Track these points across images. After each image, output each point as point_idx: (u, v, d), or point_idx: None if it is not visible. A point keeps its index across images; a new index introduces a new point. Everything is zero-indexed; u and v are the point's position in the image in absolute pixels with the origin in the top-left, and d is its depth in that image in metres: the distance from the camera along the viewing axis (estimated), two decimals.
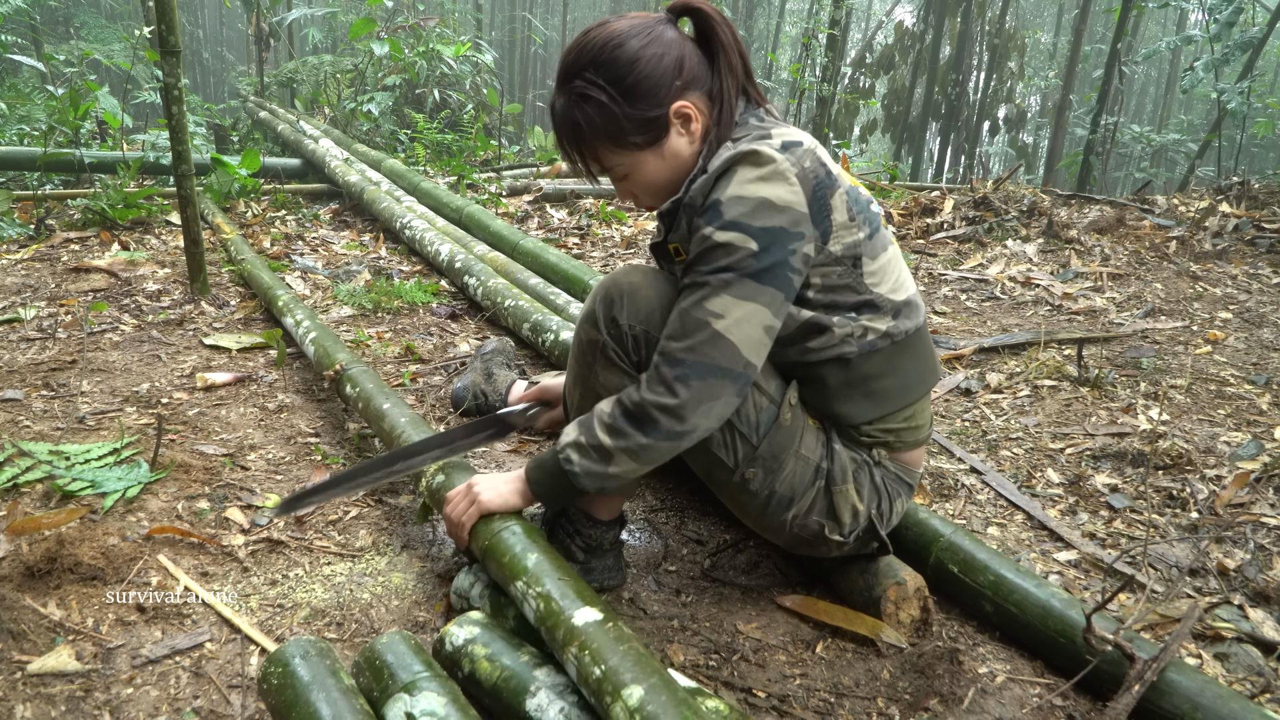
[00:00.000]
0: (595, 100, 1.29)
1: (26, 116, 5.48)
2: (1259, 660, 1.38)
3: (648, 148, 1.32)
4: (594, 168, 1.37)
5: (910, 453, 1.45)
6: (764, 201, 1.22)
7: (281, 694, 1.10)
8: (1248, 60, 7.79)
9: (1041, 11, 23.94)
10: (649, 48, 1.28)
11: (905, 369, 1.38)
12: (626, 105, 1.29)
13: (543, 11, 21.65)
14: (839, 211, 1.29)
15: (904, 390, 1.39)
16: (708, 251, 1.23)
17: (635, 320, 1.32)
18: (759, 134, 1.30)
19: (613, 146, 1.32)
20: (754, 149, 1.24)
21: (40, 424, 2.04)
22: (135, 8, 12.90)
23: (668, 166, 1.34)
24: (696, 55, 1.33)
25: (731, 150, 1.27)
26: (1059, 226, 4.41)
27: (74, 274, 3.32)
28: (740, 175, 1.23)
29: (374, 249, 4.16)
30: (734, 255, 1.21)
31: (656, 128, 1.31)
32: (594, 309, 1.36)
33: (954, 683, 1.30)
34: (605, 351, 1.34)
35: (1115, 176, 16.71)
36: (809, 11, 10.04)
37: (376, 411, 1.88)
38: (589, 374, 1.38)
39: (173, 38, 2.74)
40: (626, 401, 1.26)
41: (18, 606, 1.35)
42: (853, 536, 1.40)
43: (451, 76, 7.99)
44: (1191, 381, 2.56)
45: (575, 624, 1.12)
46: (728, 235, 1.22)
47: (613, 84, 1.28)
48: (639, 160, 1.34)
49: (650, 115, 1.30)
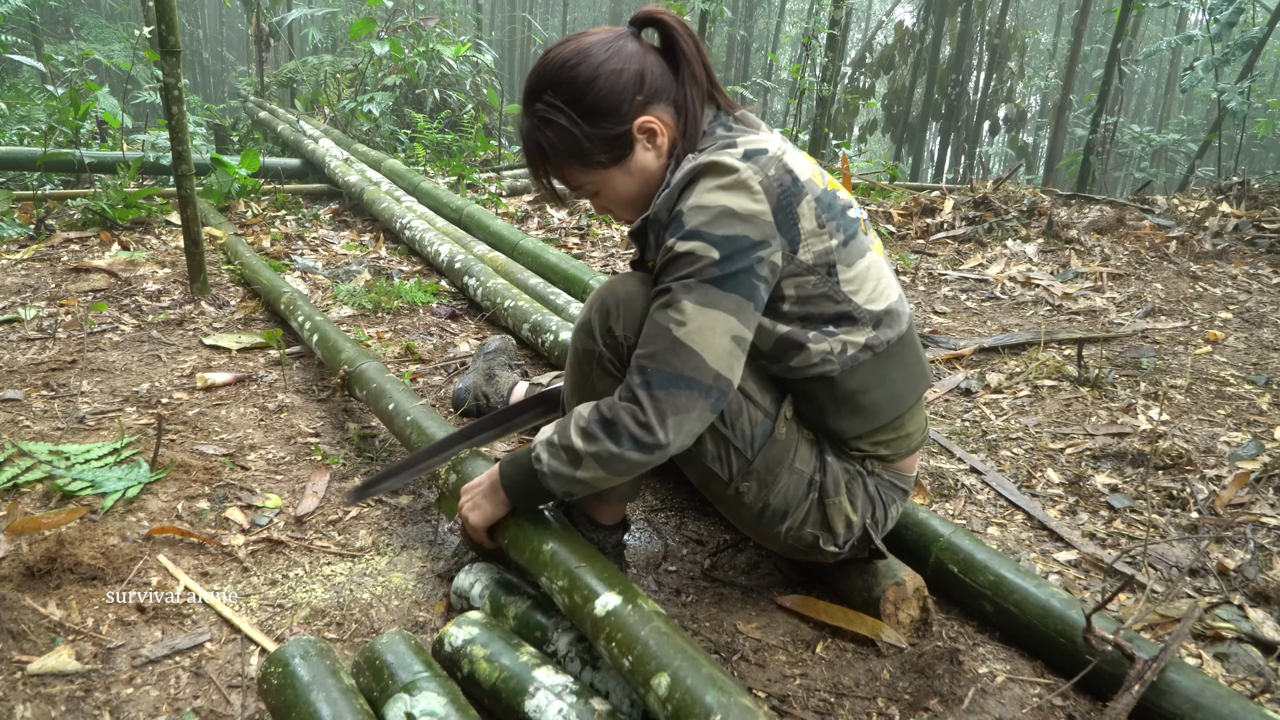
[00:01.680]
0: (556, 123, 1.28)
1: (26, 116, 5.48)
2: (1259, 660, 1.38)
3: (613, 165, 1.31)
4: (562, 188, 1.37)
5: (903, 460, 1.44)
6: (725, 210, 1.20)
7: (281, 694, 1.10)
8: (1248, 60, 7.79)
9: (1041, 11, 23.94)
10: (607, 64, 1.27)
11: (893, 379, 1.36)
12: (587, 125, 1.27)
13: (543, 11, 21.65)
14: (806, 219, 1.26)
15: (894, 401, 1.36)
16: (671, 262, 1.22)
17: (630, 331, 1.30)
18: (724, 143, 1.28)
19: (579, 166, 1.32)
20: (714, 159, 1.23)
21: (40, 424, 2.04)
22: (135, 8, 12.90)
23: (636, 181, 1.33)
24: (660, 67, 1.31)
25: (693, 162, 1.26)
26: (1059, 226, 4.41)
27: (74, 274, 3.32)
28: (701, 185, 1.22)
29: (374, 249, 4.16)
30: (696, 264, 1.20)
31: (620, 145, 1.30)
32: (590, 318, 1.35)
33: (954, 683, 1.30)
34: (601, 362, 1.34)
35: (1115, 176, 16.71)
36: (809, 11, 10.04)
37: (391, 409, 1.89)
38: (586, 383, 1.37)
39: (173, 38, 2.74)
40: (603, 407, 1.25)
41: (18, 606, 1.35)
42: (847, 546, 1.40)
43: (451, 76, 7.99)
44: (1191, 381, 2.56)
45: (598, 615, 1.14)
46: (689, 244, 1.20)
47: (572, 104, 1.27)
48: (606, 178, 1.33)
49: (613, 133, 1.28)
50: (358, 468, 1.96)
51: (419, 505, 1.82)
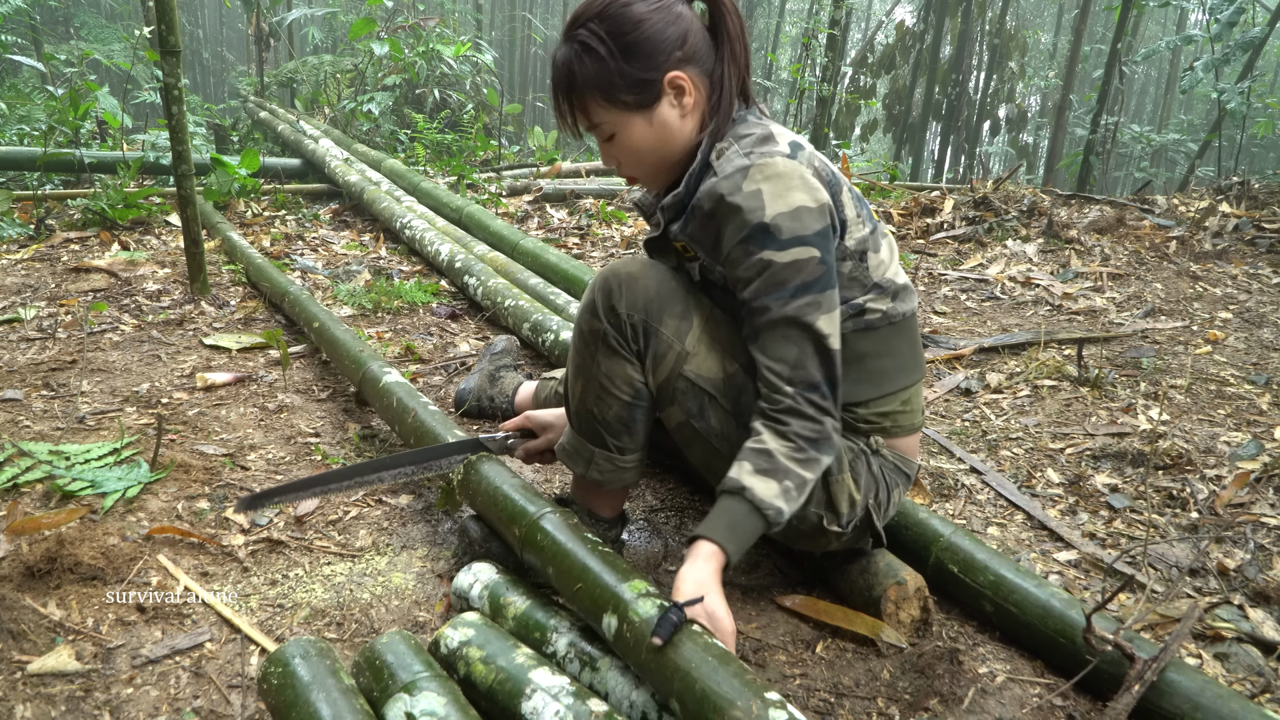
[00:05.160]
0: (594, 52, 1.30)
1: (26, 116, 5.48)
2: (1259, 660, 1.38)
3: (637, 110, 1.33)
4: (581, 122, 1.37)
5: (906, 439, 1.46)
6: (804, 209, 1.25)
7: (281, 694, 1.10)
8: (1248, 60, 7.79)
9: (1041, 11, 23.93)
10: (657, 14, 1.30)
11: (901, 351, 1.42)
12: (623, 61, 1.29)
13: (543, 11, 21.63)
14: (848, 207, 1.34)
15: (900, 372, 1.42)
16: (777, 274, 1.24)
17: (634, 309, 1.34)
18: (762, 133, 1.31)
19: (602, 101, 1.33)
20: (771, 161, 1.26)
21: (40, 424, 2.04)
22: (135, 8, 12.90)
23: (654, 136, 1.35)
24: (703, 36, 1.34)
25: (742, 158, 1.28)
26: (1059, 226, 4.41)
27: (74, 274, 3.32)
28: (773, 188, 1.25)
29: (374, 249, 4.16)
30: (804, 271, 1.24)
31: (649, 91, 1.32)
32: (594, 298, 1.38)
33: (954, 683, 1.30)
34: (606, 340, 1.36)
35: (1115, 176, 16.71)
36: (809, 11, 10.03)
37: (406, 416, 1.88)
38: (591, 364, 1.39)
39: (173, 38, 2.74)
40: (802, 432, 1.25)
41: (18, 606, 1.35)
42: (850, 527, 1.40)
43: (451, 76, 7.99)
44: (1191, 381, 2.56)
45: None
46: (792, 253, 1.24)
47: (614, 38, 1.29)
48: (626, 122, 1.34)
49: (644, 77, 1.31)
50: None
51: (419, 505, 1.82)
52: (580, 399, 1.43)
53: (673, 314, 1.35)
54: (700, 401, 1.36)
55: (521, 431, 1.69)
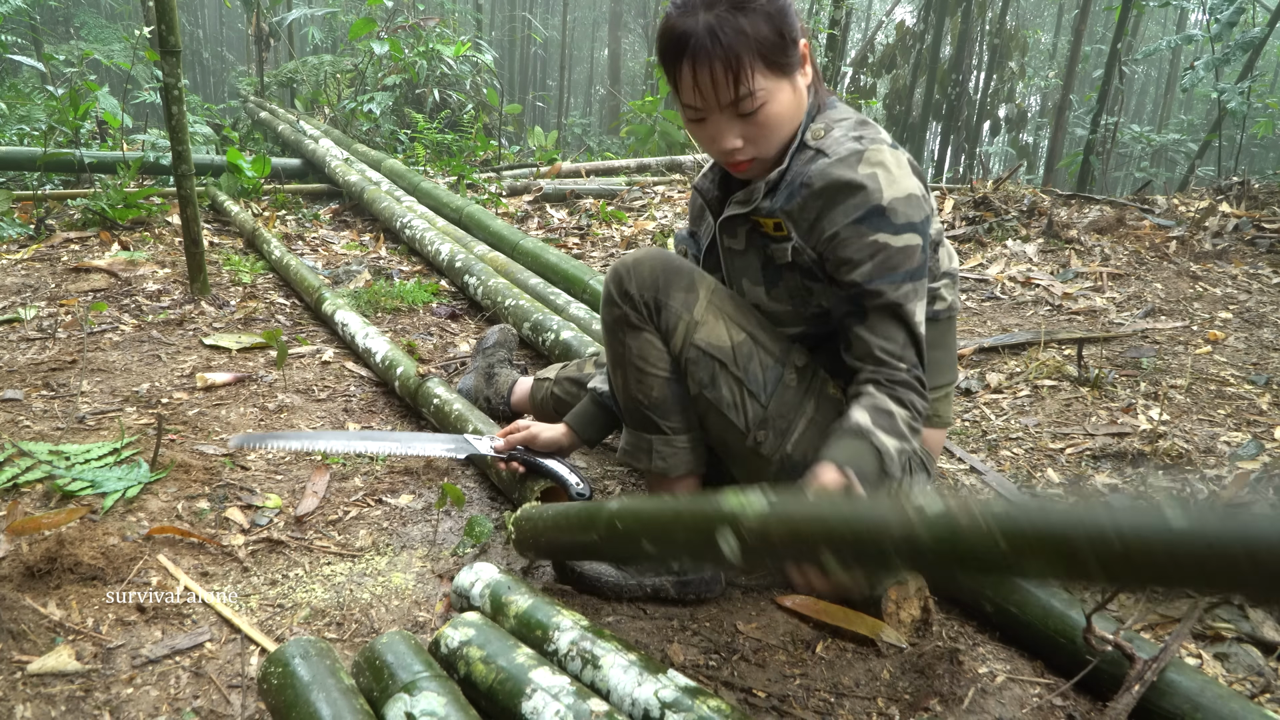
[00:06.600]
0: (759, 12, 1.23)
1: (26, 116, 5.47)
2: (1259, 660, 1.38)
3: (786, 76, 1.28)
4: (731, 92, 1.25)
5: (935, 433, 1.50)
6: (914, 196, 1.28)
7: (281, 694, 1.10)
8: (1248, 60, 7.79)
9: (1041, 11, 23.93)
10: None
11: (950, 346, 1.47)
12: (780, 21, 1.25)
13: (543, 11, 21.63)
14: (929, 199, 1.38)
15: (949, 367, 1.47)
16: (891, 258, 1.26)
17: (644, 288, 1.39)
18: (858, 118, 1.34)
19: (764, 66, 1.25)
20: (882, 148, 1.28)
21: (40, 424, 2.04)
22: (135, 8, 12.89)
23: (795, 105, 1.31)
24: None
25: (854, 141, 1.29)
26: (1059, 226, 4.41)
27: (74, 274, 3.32)
28: (886, 175, 1.26)
29: (374, 249, 4.16)
30: (914, 258, 1.27)
31: (795, 56, 1.29)
32: (608, 289, 1.43)
33: (954, 683, 1.30)
34: (628, 321, 1.41)
35: (1115, 176, 16.71)
36: (809, 11, 10.03)
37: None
38: (623, 350, 1.43)
39: (173, 38, 2.74)
40: (918, 405, 1.28)
41: (18, 606, 1.35)
42: None
43: (451, 76, 7.99)
44: (1191, 381, 2.56)
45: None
46: (905, 238, 1.26)
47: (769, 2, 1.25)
48: (779, 89, 1.28)
49: (795, 38, 1.28)
50: (358, 467, 1.96)
51: (419, 505, 1.82)
52: (624, 390, 1.47)
53: (679, 287, 1.40)
54: (711, 370, 1.39)
55: (526, 447, 1.70)
